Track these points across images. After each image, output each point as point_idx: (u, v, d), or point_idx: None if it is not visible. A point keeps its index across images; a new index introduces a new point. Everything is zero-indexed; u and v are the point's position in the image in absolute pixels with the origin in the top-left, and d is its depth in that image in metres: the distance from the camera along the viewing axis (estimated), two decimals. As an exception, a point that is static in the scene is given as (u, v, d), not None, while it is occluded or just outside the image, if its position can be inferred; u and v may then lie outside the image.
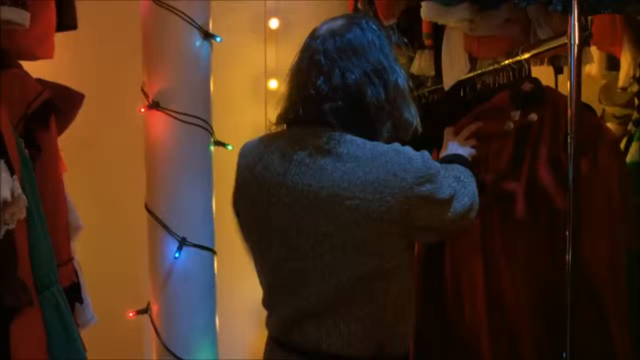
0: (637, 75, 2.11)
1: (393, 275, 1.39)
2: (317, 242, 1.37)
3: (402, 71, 1.44)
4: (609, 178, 1.66)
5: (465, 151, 1.71)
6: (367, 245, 1.35)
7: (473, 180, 1.53)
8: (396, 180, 1.31)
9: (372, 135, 1.38)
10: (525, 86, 1.74)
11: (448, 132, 1.82)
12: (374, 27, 1.43)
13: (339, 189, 1.33)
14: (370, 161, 1.33)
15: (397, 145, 1.37)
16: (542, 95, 1.74)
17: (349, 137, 1.36)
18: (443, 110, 2.03)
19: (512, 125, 1.74)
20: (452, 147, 1.74)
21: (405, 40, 1.63)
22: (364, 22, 1.43)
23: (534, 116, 1.71)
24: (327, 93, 1.36)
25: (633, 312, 1.69)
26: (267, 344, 1.59)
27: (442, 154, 1.73)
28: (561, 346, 1.52)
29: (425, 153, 1.39)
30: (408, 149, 1.37)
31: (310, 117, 1.39)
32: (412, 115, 1.45)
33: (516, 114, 1.74)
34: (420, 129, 1.48)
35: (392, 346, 1.43)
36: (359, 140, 1.36)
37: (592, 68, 2.26)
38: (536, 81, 1.77)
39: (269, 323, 1.58)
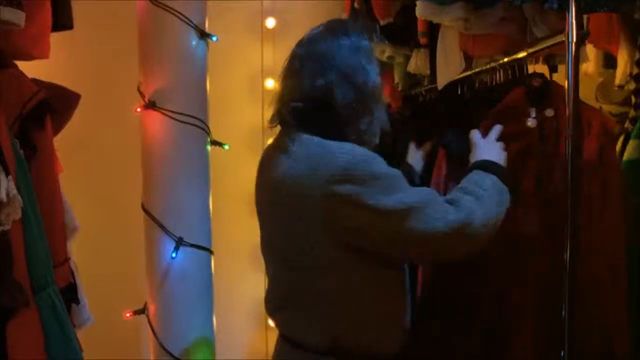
0: (634, 73, 2.12)
1: (330, 271, 1.44)
2: (272, 232, 1.54)
3: (376, 72, 1.50)
4: (615, 175, 1.67)
5: (498, 155, 1.59)
6: (299, 238, 1.43)
7: (497, 195, 1.48)
8: (315, 176, 1.38)
9: (339, 136, 1.44)
10: (535, 82, 1.70)
11: (474, 134, 1.67)
12: (350, 32, 1.50)
13: (279, 184, 1.46)
14: (304, 158, 1.42)
15: (335, 142, 1.42)
16: (551, 90, 1.70)
17: (305, 136, 1.45)
18: (439, 109, 2.02)
19: (534, 123, 1.69)
20: (483, 151, 1.61)
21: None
22: (340, 28, 1.52)
23: (550, 111, 1.67)
24: (297, 96, 1.48)
25: (633, 311, 1.70)
26: None
27: (472, 158, 1.62)
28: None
29: (372, 157, 1.39)
30: (346, 147, 1.40)
31: (284, 118, 1.51)
32: (382, 116, 1.51)
33: (533, 111, 1.70)
34: (388, 128, 1.53)
35: (350, 342, 1.47)
36: (314, 139, 1.44)
37: (589, 66, 2.26)
38: (543, 76, 1.73)
39: None
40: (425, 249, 1.43)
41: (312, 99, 1.46)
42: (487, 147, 1.60)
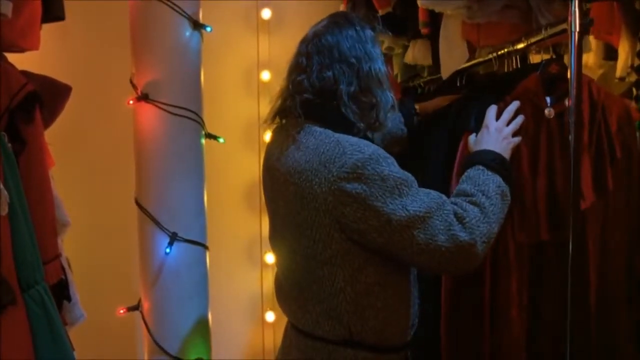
0: (635, 64, 2.09)
1: (336, 263, 1.44)
2: (281, 222, 1.55)
3: (381, 60, 1.52)
4: (635, 164, 1.66)
5: (505, 145, 1.56)
6: (305, 229, 1.45)
7: (501, 201, 1.45)
8: (325, 171, 1.39)
9: (345, 127, 1.47)
10: (552, 68, 1.65)
11: (490, 111, 1.61)
12: (354, 22, 1.54)
13: (288, 174, 1.47)
14: (313, 150, 1.43)
15: (346, 137, 1.43)
16: (567, 77, 1.60)
17: (314, 128, 1.48)
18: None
19: (552, 112, 1.63)
20: (491, 138, 1.56)
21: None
22: (344, 19, 1.56)
23: (569, 101, 1.58)
24: (305, 89, 1.50)
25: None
26: None
27: (479, 137, 1.58)
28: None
29: (383, 157, 1.39)
30: (358, 143, 1.40)
31: (291, 110, 1.54)
32: (388, 100, 1.51)
33: (549, 99, 1.64)
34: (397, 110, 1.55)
35: (361, 333, 1.47)
36: (322, 131, 1.46)
37: (590, 58, 2.23)
38: (562, 62, 1.68)
39: None
40: (427, 259, 1.40)
41: (321, 91, 1.49)
42: (496, 134, 1.57)
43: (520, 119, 1.60)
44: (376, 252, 1.43)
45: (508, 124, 1.59)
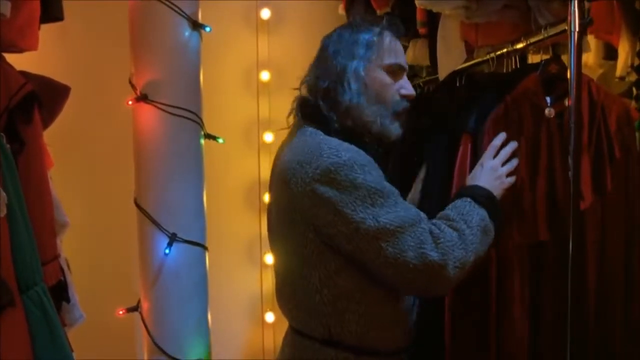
0: (635, 64, 2.08)
1: (312, 264, 1.45)
2: (274, 221, 1.57)
3: (365, 61, 1.51)
4: (635, 164, 1.65)
5: (497, 185, 1.52)
6: (288, 228, 1.47)
7: (482, 234, 1.43)
8: (302, 171, 1.40)
9: (328, 127, 1.48)
10: (552, 68, 1.64)
11: (488, 151, 1.56)
12: (353, 24, 1.57)
13: (278, 174, 1.50)
14: (297, 150, 1.45)
15: (329, 140, 1.44)
16: (566, 77, 1.59)
17: (308, 129, 1.50)
18: (443, 101, 1.96)
19: (552, 112, 1.61)
20: (484, 174, 1.53)
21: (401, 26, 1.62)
22: (348, 23, 1.60)
23: (569, 100, 1.56)
24: (307, 91, 1.56)
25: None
26: None
27: (469, 180, 1.55)
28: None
29: (360, 163, 1.37)
30: (337, 147, 1.40)
31: (295, 111, 1.58)
32: (373, 104, 1.50)
33: (549, 99, 1.63)
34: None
35: (340, 336, 1.47)
36: (312, 132, 1.48)
37: (589, 57, 2.23)
38: (561, 62, 1.66)
39: None
40: (394, 274, 1.38)
41: (316, 92, 1.52)
42: (490, 172, 1.53)
43: (515, 161, 1.56)
44: (350, 259, 1.42)
45: (504, 164, 1.55)
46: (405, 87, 1.54)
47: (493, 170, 1.54)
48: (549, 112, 1.62)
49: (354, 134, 1.49)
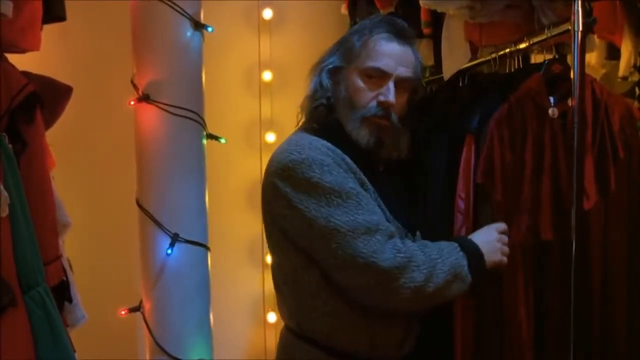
0: (638, 64, 2.08)
1: (279, 253, 1.50)
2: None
3: (338, 55, 1.52)
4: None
5: (490, 249, 1.47)
6: (266, 224, 1.54)
7: (451, 276, 1.39)
8: (270, 165, 1.47)
9: (313, 125, 1.53)
10: (555, 68, 1.63)
11: (502, 224, 1.55)
12: (360, 23, 1.56)
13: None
14: (279, 146, 1.51)
15: (301, 136, 1.48)
16: (570, 77, 1.58)
17: (298, 129, 1.56)
18: (446, 101, 1.96)
19: (556, 112, 1.60)
20: (481, 234, 1.50)
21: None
22: (356, 23, 1.66)
23: (571, 101, 1.56)
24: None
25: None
26: None
27: (473, 234, 1.52)
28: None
29: (319, 162, 1.38)
30: (303, 144, 1.43)
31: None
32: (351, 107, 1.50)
33: (552, 99, 1.62)
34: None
35: (309, 333, 1.49)
36: (301, 130, 1.54)
37: (592, 57, 2.22)
38: (564, 62, 1.66)
39: None
40: (344, 277, 1.38)
41: (312, 94, 1.55)
42: (496, 235, 1.50)
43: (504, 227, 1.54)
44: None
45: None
46: (384, 93, 1.46)
47: (499, 235, 1.50)
48: (552, 112, 1.61)
49: (333, 134, 1.48)
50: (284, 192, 1.39)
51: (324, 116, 1.50)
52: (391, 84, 1.46)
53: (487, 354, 1.62)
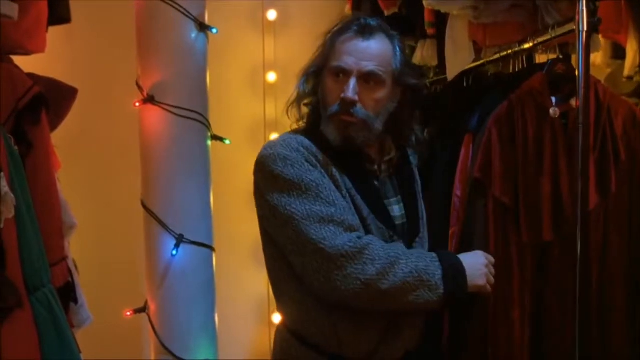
0: (644, 63, 2.07)
1: (264, 241, 1.54)
2: None
3: (317, 60, 1.55)
4: None
5: (477, 272, 1.44)
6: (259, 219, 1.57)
7: (414, 279, 1.36)
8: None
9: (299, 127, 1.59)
10: (558, 67, 1.63)
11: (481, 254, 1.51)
12: (336, 24, 1.57)
13: None
14: None
15: (285, 134, 1.54)
16: (574, 77, 1.57)
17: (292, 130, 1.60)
18: (448, 101, 1.96)
19: (557, 112, 1.59)
20: (472, 257, 1.47)
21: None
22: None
23: (575, 101, 1.54)
24: None
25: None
26: None
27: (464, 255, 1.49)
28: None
29: (283, 157, 1.44)
30: (281, 141, 1.49)
31: None
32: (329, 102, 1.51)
33: (555, 99, 1.61)
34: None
35: (287, 320, 1.55)
36: (286, 132, 1.58)
37: (597, 57, 2.22)
38: (568, 62, 1.65)
39: None
40: (298, 263, 1.42)
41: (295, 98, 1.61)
42: (482, 260, 1.47)
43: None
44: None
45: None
46: (344, 90, 1.46)
47: (486, 261, 1.47)
48: (553, 112, 1.61)
49: (314, 134, 1.52)
50: (257, 184, 1.50)
51: (310, 117, 1.58)
52: (352, 81, 1.47)
53: (481, 353, 1.62)
